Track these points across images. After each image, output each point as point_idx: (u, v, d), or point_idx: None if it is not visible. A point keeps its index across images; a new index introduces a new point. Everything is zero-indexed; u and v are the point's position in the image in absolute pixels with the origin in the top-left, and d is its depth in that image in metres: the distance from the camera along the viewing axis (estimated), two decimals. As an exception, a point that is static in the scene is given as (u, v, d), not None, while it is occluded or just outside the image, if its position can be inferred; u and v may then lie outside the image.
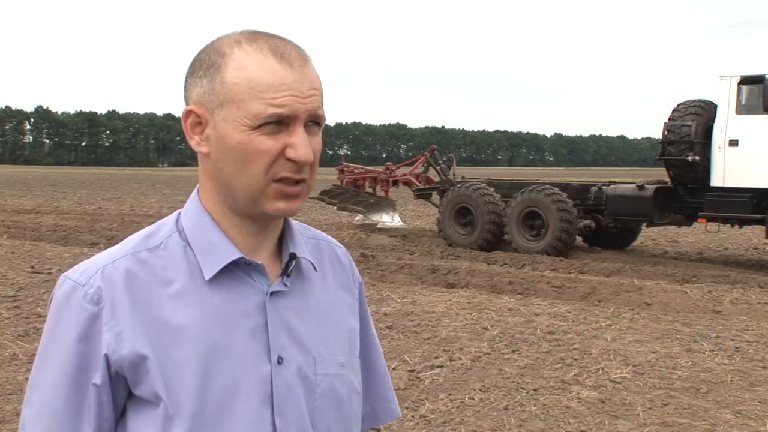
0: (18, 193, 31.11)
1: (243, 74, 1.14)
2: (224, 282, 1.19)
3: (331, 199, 16.97)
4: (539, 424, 4.79)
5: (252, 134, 1.13)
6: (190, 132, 1.20)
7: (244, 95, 1.13)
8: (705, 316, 8.06)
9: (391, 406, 1.45)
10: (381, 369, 1.43)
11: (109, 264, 1.17)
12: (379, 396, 1.43)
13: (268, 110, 1.12)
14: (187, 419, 1.13)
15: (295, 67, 1.15)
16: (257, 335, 1.18)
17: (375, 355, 1.43)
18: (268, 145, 1.13)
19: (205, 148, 1.19)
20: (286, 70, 1.14)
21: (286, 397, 1.18)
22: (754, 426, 4.80)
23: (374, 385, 1.41)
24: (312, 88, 1.16)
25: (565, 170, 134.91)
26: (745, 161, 11.59)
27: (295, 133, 1.14)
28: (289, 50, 1.16)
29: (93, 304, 1.14)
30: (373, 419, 1.42)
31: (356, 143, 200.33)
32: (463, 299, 8.50)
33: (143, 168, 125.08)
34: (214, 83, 1.16)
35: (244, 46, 1.16)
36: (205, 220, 1.21)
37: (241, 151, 1.14)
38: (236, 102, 1.14)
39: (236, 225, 1.21)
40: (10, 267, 10.00)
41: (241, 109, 1.14)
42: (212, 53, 1.18)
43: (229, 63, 1.15)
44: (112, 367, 1.13)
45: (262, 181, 1.15)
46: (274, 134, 1.14)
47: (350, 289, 1.37)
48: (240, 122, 1.14)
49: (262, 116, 1.13)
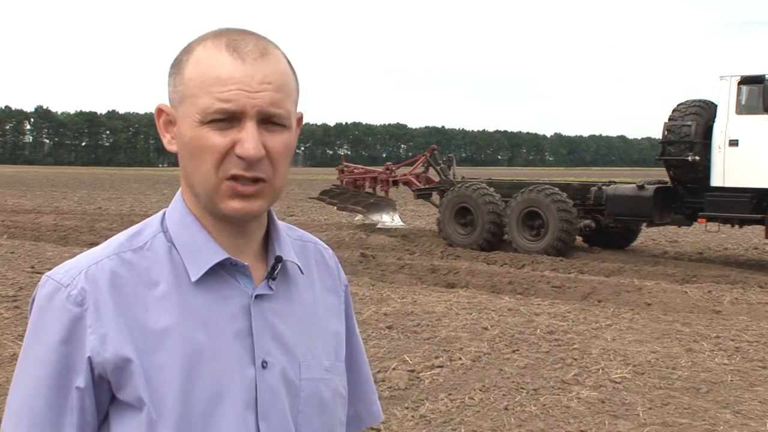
0: (18, 193, 31.11)
1: (197, 69, 1.13)
2: (209, 284, 1.17)
3: (331, 199, 16.99)
4: (539, 424, 4.79)
5: (202, 129, 1.12)
6: (162, 131, 1.20)
7: (196, 90, 1.12)
8: (705, 316, 8.06)
9: (374, 408, 1.43)
10: (365, 371, 1.42)
11: (93, 264, 1.15)
12: (362, 398, 1.41)
13: (215, 105, 1.10)
14: (171, 423, 1.11)
15: (247, 60, 1.11)
16: (242, 339, 1.17)
17: (359, 357, 1.41)
18: (216, 140, 1.11)
19: (174, 146, 1.18)
20: (236, 63, 1.11)
21: (270, 402, 1.17)
22: (754, 426, 4.80)
23: (358, 388, 1.40)
24: (264, 82, 1.12)
25: (565, 170, 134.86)
26: (745, 161, 11.59)
27: (244, 129, 1.11)
28: (245, 44, 1.13)
29: (76, 305, 1.12)
30: (356, 422, 1.40)
31: (356, 143, 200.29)
32: (463, 299, 8.49)
33: (143, 168, 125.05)
34: (176, 81, 1.16)
35: (206, 42, 1.15)
36: (190, 220, 1.20)
37: (193, 147, 1.13)
38: (191, 98, 1.13)
39: (215, 226, 1.19)
40: (10, 267, 10.00)
41: (194, 104, 1.12)
42: (183, 52, 1.18)
43: (190, 59, 1.15)
44: (96, 369, 1.11)
45: (214, 178, 1.13)
46: (224, 130, 1.11)
47: (336, 291, 1.36)
48: (192, 117, 1.13)
49: (209, 111, 1.11)
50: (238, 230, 1.20)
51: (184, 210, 1.21)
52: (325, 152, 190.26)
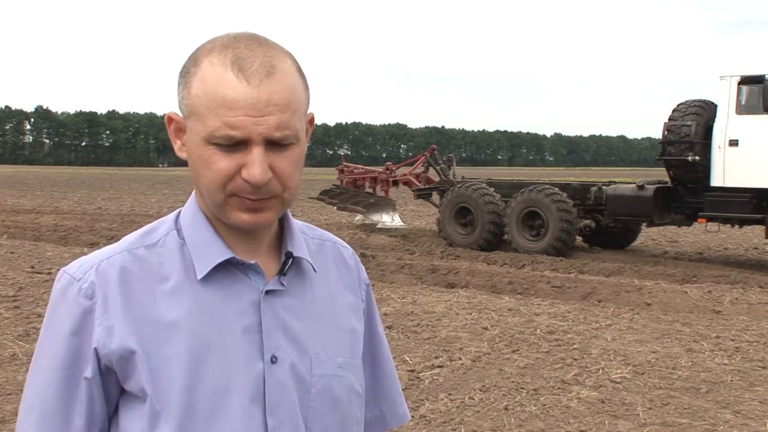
0: (18, 193, 31.11)
1: (203, 87, 1.13)
2: (219, 280, 1.19)
3: (331, 199, 16.99)
4: (539, 424, 4.79)
5: (208, 149, 1.13)
6: (173, 137, 1.22)
7: (203, 109, 1.12)
8: (705, 316, 8.06)
9: (400, 410, 1.43)
10: (389, 371, 1.42)
11: (105, 260, 1.19)
12: (387, 399, 1.41)
13: (221, 131, 1.11)
14: (175, 416, 1.13)
15: (253, 82, 1.10)
16: (250, 334, 1.18)
17: (383, 357, 1.42)
18: (222, 165, 1.12)
19: (184, 153, 1.20)
20: (242, 85, 1.10)
21: (279, 397, 1.18)
22: (754, 426, 4.80)
23: (382, 388, 1.40)
24: (270, 104, 1.10)
25: (565, 170, 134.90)
26: (745, 161, 11.59)
27: (251, 153, 1.11)
28: (251, 62, 1.11)
29: (87, 298, 1.15)
30: (381, 423, 1.41)
31: (356, 143, 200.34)
32: (463, 299, 8.49)
33: (143, 168, 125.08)
34: (184, 93, 1.17)
35: (212, 56, 1.14)
36: (201, 219, 1.22)
37: (200, 164, 1.14)
38: (197, 115, 1.13)
39: (225, 226, 1.21)
40: (10, 267, 10.00)
41: (200, 122, 1.13)
42: (190, 61, 1.17)
43: (197, 73, 1.14)
44: (102, 360, 1.14)
45: (221, 194, 1.14)
46: (230, 153, 1.12)
47: (355, 290, 1.36)
48: (199, 135, 1.13)
49: (215, 134, 1.11)
50: (248, 233, 1.22)
51: (196, 209, 1.23)
52: (325, 152, 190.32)
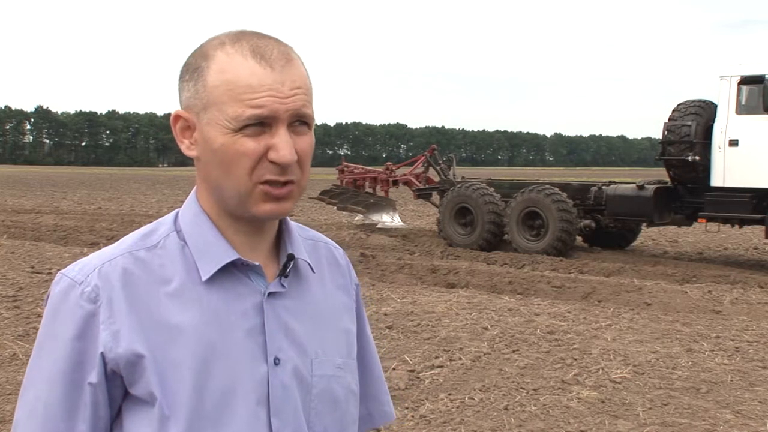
0: (18, 193, 31.11)
1: (223, 77, 1.14)
2: (222, 282, 1.18)
3: (331, 199, 16.99)
4: (539, 424, 4.79)
5: (234, 136, 1.13)
6: (179, 136, 1.21)
7: (225, 98, 1.13)
8: (705, 316, 8.06)
9: (386, 408, 1.45)
10: (377, 371, 1.44)
11: (107, 262, 1.17)
12: (374, 398, 1.43)
13: (247, 112, 1.12)
14: (183, 419, 1.12)
15: (276, 67, 1.13)
16: (254, 336, 1.18)
17: (371, 357, 1.43)
18: (250, 147, 1.13)
19: (194, 152, 1.19)
20: (265, 70, 1.13)
21: (282, 398, 1.18)
22: (754, 426, 4.80)
23: (370, 387, 1.41)
24: (294, 87, 1.14)
25: (565, 170, 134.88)
26: (745, 161, 11.59)
27: (277, 135, 1.13)
28: (270, 50, 1.15)
29: (90, 302, 1.14)
30: (368, 421, 1.42)
31: (356, 143, 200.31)
32: (463, 299, 8.49)
33: (143, 168, 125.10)
34: (198, 87, 1.16)
35: (226, 48, 1.15)
36: (203, 220, 1.21)
37: (225, 154, 1.14)
38: (217, 105, 1.14)
39: (231, 226, 1.21)
40: (10, 267, 10.00)
41: (222, 111, 1.13)
42: (198, 57, 1.18)
43: (212, 66, 1.15)
44: (108, 365, 1.13)
45: (248, 183, 1.14)
46: (256, 136, 1.13)
47: (347, 290, 1.37)
48: (222, 125, 1.13)
49: (241, 118, 1.12)
50: (255, 229, 1.22)
51: (197, 210, 1.22)
52: (325, 152, 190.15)
